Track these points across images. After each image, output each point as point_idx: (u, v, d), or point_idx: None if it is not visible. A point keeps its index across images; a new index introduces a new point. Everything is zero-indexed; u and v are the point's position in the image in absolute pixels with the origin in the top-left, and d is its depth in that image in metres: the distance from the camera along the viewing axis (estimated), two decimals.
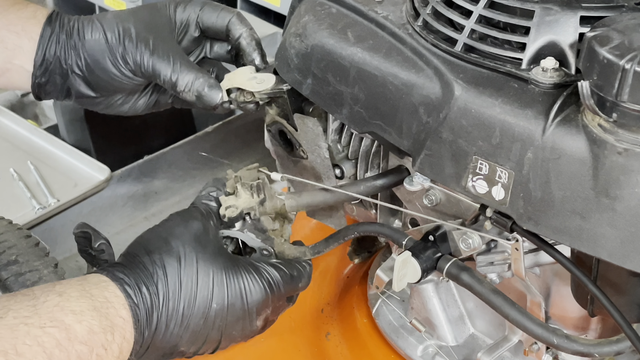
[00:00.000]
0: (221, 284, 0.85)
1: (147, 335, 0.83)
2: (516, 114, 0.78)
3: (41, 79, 1.04)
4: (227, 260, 0.87)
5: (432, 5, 0.89)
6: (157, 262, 0.84)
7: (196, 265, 0.85)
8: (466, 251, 0.89)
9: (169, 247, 0.86)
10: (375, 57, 0.90)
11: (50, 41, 1.02)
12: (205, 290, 0.85)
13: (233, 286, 0.86)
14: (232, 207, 0.93)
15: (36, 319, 0.75)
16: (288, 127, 1.01)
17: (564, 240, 0.77)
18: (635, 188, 0.72)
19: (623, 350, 0.82)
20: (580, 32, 0.80)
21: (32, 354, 0.73)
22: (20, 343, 0.73)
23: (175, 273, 0.84)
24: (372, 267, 1.20)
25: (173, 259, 0.85)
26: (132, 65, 1.00)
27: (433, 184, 0.90)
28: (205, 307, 0.85)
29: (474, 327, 1.07)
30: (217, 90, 1.00)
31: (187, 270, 0.84)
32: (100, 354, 0.78)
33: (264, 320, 0.91)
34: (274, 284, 0.89)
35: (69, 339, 0.76)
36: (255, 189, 0.94)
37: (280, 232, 1.00)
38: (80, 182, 1.49)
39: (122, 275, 0.83)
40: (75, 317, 0.77)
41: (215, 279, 0.85)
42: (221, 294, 0.85)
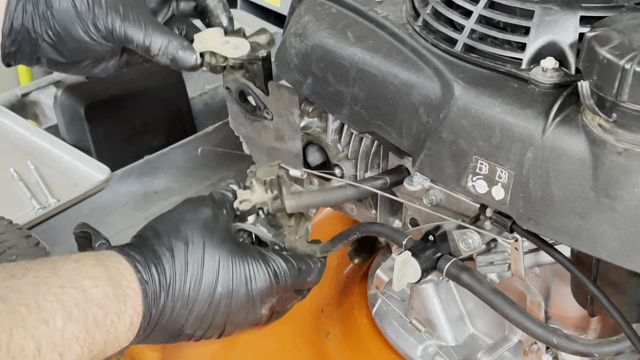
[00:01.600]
0: (227, 268, 0.87)
1: (154, 313, 0.85)
2: (516, 114, 0.78)
3: (10, 48, 1.04)
4: (234, 247, 0.89)
5: (432, 5, 0.89)
6: (166, 244, 0.87)
7: (203, 249, 0.87)
8: (466, 251, 0.89)
9: (178, 231, 0.88)
10: (375, 57, 0.90)
11: (17, 11, 1.02)
12: (211, 274, 0.87)
13: (238, 272, 0.88)
14: (246, 201, 0.97)
15: (55, 280, 0.78)
16: (255, 90, 1.06)
17: (563, 240, 0.77)
18: (635, 188, 0.72)
19: (623, 350, 0.82)
20: (580, 32, 0.80)
21: (52, 309, 0.75)
22: (41, 298, 0.75)
23: (182, 256, 0.86)
24: (372, 267, 1.20)
25: (181, 243, 0.87)
26: (104, 32, 1.01)
27: (433, 184, 0.90)
28: (210, 290, 0.86)
29: (474, 327, 1.07)
30: (190, 52, 1.03)
31: (194, 254, 0.87)
32: (114, 320, 0.81)
33: (270, 309, 0.92)
34: (280, 273, 0.91)
35: (86, 300, 0.78)
36: (269, 185, 0.97)
37: (295, 229, 1.02)
38: (80, 182, 1.49)
39: (133, 253, 0.85)
40: (92, 281, 0.80)
41: (221, 263, 0.87)
42: (226, 278, 0.87)
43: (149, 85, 1.72)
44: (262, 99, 1.07)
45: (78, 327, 0.77)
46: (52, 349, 0.75)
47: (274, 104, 1.05)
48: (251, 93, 1.07)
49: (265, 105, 1.06)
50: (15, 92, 1.77)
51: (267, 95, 1.06)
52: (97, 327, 0.79)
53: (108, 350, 0.82)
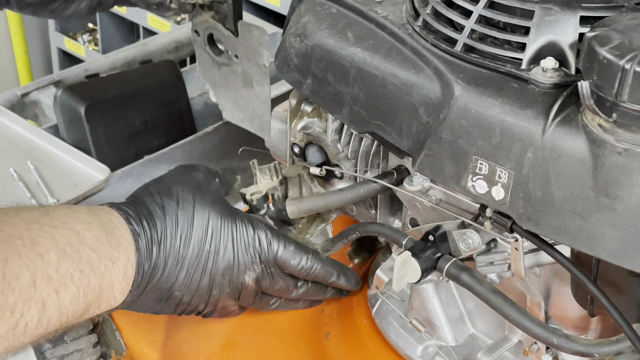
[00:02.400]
0: (216, 227, 0.89)
1: (147, 268, 0.86)
2: (516, 114, 0.78)
3: None
4: (225, 208, 0.91)
5: (432, 5, 0.89)
6: (157, 202, 0.89)
7: (193, 207, 0.89)
8: (466, 251, 0.89)
9: (170, 190, 0.90)
10: (375, 57, 0.90)
11: None
12: (200, 232, 0.89)
13: (226, 231, 0.90)
14: (256, 193, 1.01)
15: (47, 220, 0.79)
16: (224, 31, 1.04)
17: (563, 240, 0.77)
18: (635, 188, 0.72)
19: (623, 350, 0.82)
20: (580, 32, 0.80)
21: (46, 245, 0.76)
22: (35, 234, 0.76)
23: (173, 212, 0.88)
24: (372, 267, 1.20)
25: (172, 200, 0.89)
26: None
27: (433, 184, 0.90)
28: (199, 247, 0.88)
29: (474, 327, 1.07)
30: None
31: (184, 211, 0.88)
32: (108, 266, 0.82)
33: (255, 281, 0.93)
34: (266, 241, 0.93)
35: (79, 241, 0.79)
36: (273, 171, 1.02)
37: (306, 228, 1.04)
38: (80, 182, 1.49)
39: (125, 208, 0.88)
40: (84, 225, 0.81)
41: (211, 222, 0.89)
42: (215, 237, 0.89)
43: (149, 85, 1.72)
44: (231, 41, 1.04)
45: (72, 266, 0.78)
46: (48, 282, 0.75)
47: (243, 45, 1.03)
48: (220, 35, 1.05)
49: (233, 48, 1.05)
50: (15, 92, 1.77)
51: (237, 36, 1.04)
52: (92, 269, 0.80)
53: (103, 299, 0.82)
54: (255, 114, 1.08)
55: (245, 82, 1.05)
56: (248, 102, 1.07)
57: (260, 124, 1.08)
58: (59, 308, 0.77)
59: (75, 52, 2.89)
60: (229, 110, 1.11)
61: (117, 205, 0.88)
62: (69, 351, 1.06)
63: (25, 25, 3.02)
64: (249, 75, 1.04)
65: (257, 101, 1.06)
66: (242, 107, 1.07)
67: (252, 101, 1.07)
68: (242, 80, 1.06)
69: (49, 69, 3.08)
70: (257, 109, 1.06)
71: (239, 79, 1.06)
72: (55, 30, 2.91)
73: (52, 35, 2.93)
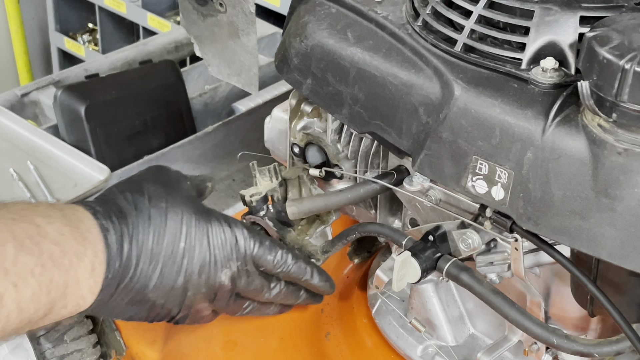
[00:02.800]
0: (190, 224, 0.86)
1: (117, 266, 0.82)
2: (516, 114, 0.78)
3: None
4: (198, 206, 0.89)
5: (432, 6, 0.89)
6: (127, 198, 0.85)
7: (165, 204, 0.86)
8: (466, 251, 0.89)
9: (140, 187, 0.87)
10: (375, 57, 0.90)
11: None
12: (174, 228, 0.85)
13: (201, 228, 0.87)
14: (255, 194, 1.01)
15: (5, 212, 0.75)
16: None
17: (563, 240, 0.77)
18: (635, 188, 0.72)
19: (623, 351, 0.82)
20: (580, 32, 0.80)
21: (3, 237, 0.72)
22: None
23: (145, 208, 0.85)
24: (372, 267, 1.20)
25: (143, 197, 0.86)
26: None
27: (433, 184, 0.90)
28: (173, 244, 0.85)
29: (473, 327, 1.07)
30: None
31: (156, 207, 0.85)
32: (73, 261, 0.77)
33: (230, 279, 0.90)
34: (242, 237, 0.90)
35: (39, 234, 0.75)
36: (273, 173, 1.01)
37: (305, 230, 1.04)
38: (80, 182, 1.49)
39: (92, 204, 0.84)
40: (45, 219, 0.77)
41: (184, 218, 0.86)
42: (190, 234, 0.86)
43: (149, 85, 1.72)
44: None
45: (32, 260, 0.73)
46: (4, 275, 0.71)
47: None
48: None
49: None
50: (14, 92, 1.77)
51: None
52: (55, 264, 0.75)
53: (70, 297, 0.78)
54: (242, 68, 1.03)
55: (231, 32, 0.99)
56: (234, 54, 1.01)
57: (248, 77, 1.03)
58: (19, 304, 0.72)
59: (75, 52, 2.89)
60: (215, 65, 1.05)
61: (83, 201, 0.84)
62: (69, 351, 1.06)
63: (25, 25, 3.02)
64: (235, 25, 0.98)
65: (243, 53, 1.00)
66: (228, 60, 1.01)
67: (239, 53, 1.00)
68: (227, 31, 0.99)
69: (49, 69, 3.08)
70: (244, 61, 1.01)
71: (225, 30, 0.99)
72: (55, 30, 2.91)
73: (52, 35, 2.93)
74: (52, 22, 2.90)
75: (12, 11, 2.96)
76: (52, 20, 2.90)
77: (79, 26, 2.95)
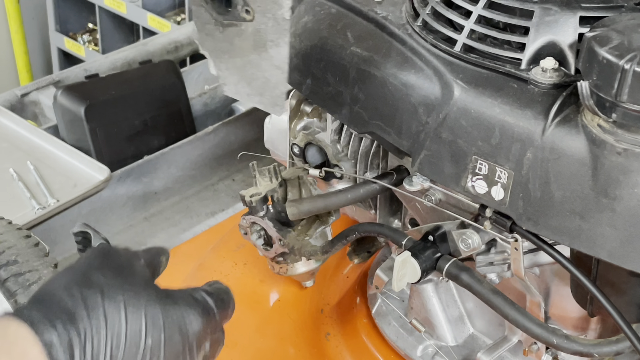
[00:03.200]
0: (155, 316, 0.73)
1: None
2: (516, 114, 0.78)
3: None
4: (159, 292, 0.75)
5: (432, 6, 0.89)
6: (76, 295, 0.71)
7: (122, 296, 0.72)
8: (466, 251, 0.89)
9: (88, 280, 0.72)
10: (375, 57, 0.89)
11: None
12: (136, 325, 0.72)
13: (170, 317, 0.74)
14: (255, 195, 1.01)
15: None
16: None
17: (563, 240, 0.77)
18: (634, 188, 0.72)
19: (622, 351, 0.82)
20: (580, 32, 0.80)
21: None
22: None
23: (97, 306, 0.71)
24: (372, 267, 1.20)
25: (94, 291, 0.71)
26: None
27: (433, 184, 0.90)
28: (137, 343, 0.72)
29: (473, 327, 1.07)
30: None
31: (112, 303, 0.71)
32: None
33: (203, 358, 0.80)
34: (210, 308, 0.79)
35: None
36: (273, 173, 1.01)
37: (305, 230, 1.04)
38: (79, 182, 1.49)
39: (30, 313, 0.69)
40: None
41: (147, 311, 0.73)
42: (156, 326, 0.73)
43: (149, 85, 1.72)
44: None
45: None
46: None
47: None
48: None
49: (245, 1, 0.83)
50: (14, 92, 1.77)
51: None
52: None
53: None
54: (266, 85, 0.89)
55: (257, 44, 0.85)
56: (258, 70, 0.88)
57: (272, 97, 0.89)
58: None
59: (75, 52, 2.89)
60: (232, 84, 0.91)
61: (18, 311, 0.69)
62: None
63: (25, 25, 3.02)
64: (263, 35, 0.84)
65: (270, 68, 0.87)
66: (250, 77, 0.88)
67: (263, 68, 0.87)
68: (252, 42, 0.85)
69: (49, 69, 3.08)
70: (270, 77, 0.87)
71: (249, 41, 0.85)
72: (55, 30, 2.91)
73: (52, 35, 2.93)
74: (52, 22, 2.91)
75: (12, 11, 2.96)
76: (52, 20, 2.90)
77: (79, 26, 2.95)
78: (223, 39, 0.87)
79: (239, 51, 0.87)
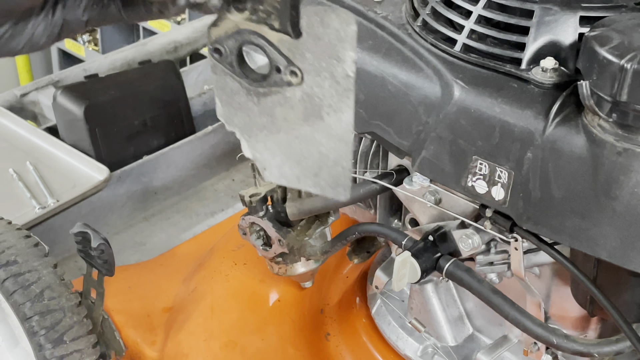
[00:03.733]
0: None
1: None
2: (516, 114, 0.78)
3: None
4: None
5: (432, 6, 0.89)
6: None
7: None
8: (466, 251, 0.89)
9: None
10: (375, 57, 0.89)
11: None
12: None
13: None
14: (255, 195, 1.00)
15: None
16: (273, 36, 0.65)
17: (563, 240, 0.77)
18: (635, 188, 0.72)
19: (623, 350, 0.82)
20: (580, 32, 0.80)
21: None
22: None
23: None
24: (372, 267, 1.20)
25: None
26: None
27: (433, 184, 0.90)
28: None
29: (473, 327, 1.07)
30: None
31: None
32: None
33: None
34: None
35: None
36: None
37: (305, 229, 1.04)
38: (79, 182, 1.49)
39: None
40: None
41: None
42: None
43: (148, 85, 1.72)
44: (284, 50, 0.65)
45: None
46: None
47: (309, 50, 0.64)
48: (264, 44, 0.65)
49: (290, 60, 0.65)
50: (14, 92, 1.77)
51: (297, 36, 0.64)
52: None
53: None
54: (322, 163, 0.70)
55: (309, 113, 0.67)
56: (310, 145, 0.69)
57: (332, 177, 0.70)
58: None
59: (75, 52, 2.89)
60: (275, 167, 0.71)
61: None
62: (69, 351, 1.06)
63: None
64: (317, 100, 0.66)
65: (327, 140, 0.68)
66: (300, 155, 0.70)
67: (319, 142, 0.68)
68: (302, 111, 0.67)
69: (49, 69, 3.08)
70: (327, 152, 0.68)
71: (297, 110, 0.67)
72: None
73: None
74: None
75: None
76: None
77: None
78: (260, 112, 0.69)
79: (283, 125, 0.69)
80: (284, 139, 0.70)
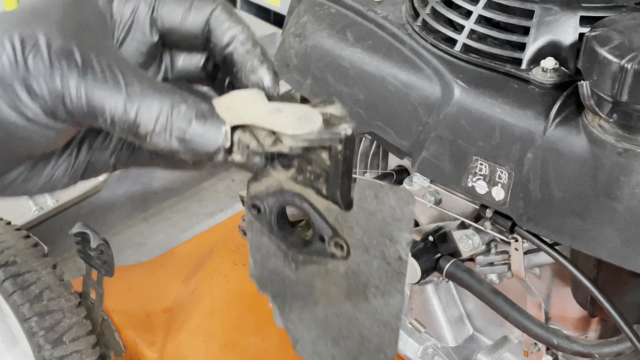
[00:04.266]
0: None
1: None
2: (516, 115, 0.78)
3: None
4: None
5: (432, 6, 0.89)
6: None
7: None
8: (466, 252, 0.89)
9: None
10: (375, 57, 0.89)
11: None
12: None
13: None
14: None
15: None
16: (319, 203, 0.59)
17: (563, 240, 0.77)
18: (635, 188, 0.72)
19: (623, 351, 0.82)
20: (580, 32, 0.80)
21: None
22: None
23: None
24: None
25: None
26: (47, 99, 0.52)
27: (433, 184, 0.90)
28: None
29: (473, 328, 1.07)
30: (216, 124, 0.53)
31: None
32: None
33: None
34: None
35: None
36: None
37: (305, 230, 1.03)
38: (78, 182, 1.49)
39: None
40: None
41: None
42: None
43: None
44: (330, 219, 0.60)
45: None
46: None
47: (359, 224, 0.59)
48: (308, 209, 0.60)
49: (336, 231, 0.59)
50: None
51: (347, 208, 0.58)
52: None
53: None
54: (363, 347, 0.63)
55: (352, 290, 0.61)
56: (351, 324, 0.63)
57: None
58: None
59: None
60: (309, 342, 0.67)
61: None
62: (68, 352, 1.06)
63: None
64: (363, 278, 0.60)
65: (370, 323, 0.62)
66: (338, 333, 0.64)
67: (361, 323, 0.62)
68: (344, 287, 0.61)
69: None
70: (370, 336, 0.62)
71: (339, 285, 0.61)
72: None
73: None
74: None
75: None
76: None
77: None
78: (297, 280, 0.64)
79: (323, 298, 0.63)
80: (322, 313, 0.65)
